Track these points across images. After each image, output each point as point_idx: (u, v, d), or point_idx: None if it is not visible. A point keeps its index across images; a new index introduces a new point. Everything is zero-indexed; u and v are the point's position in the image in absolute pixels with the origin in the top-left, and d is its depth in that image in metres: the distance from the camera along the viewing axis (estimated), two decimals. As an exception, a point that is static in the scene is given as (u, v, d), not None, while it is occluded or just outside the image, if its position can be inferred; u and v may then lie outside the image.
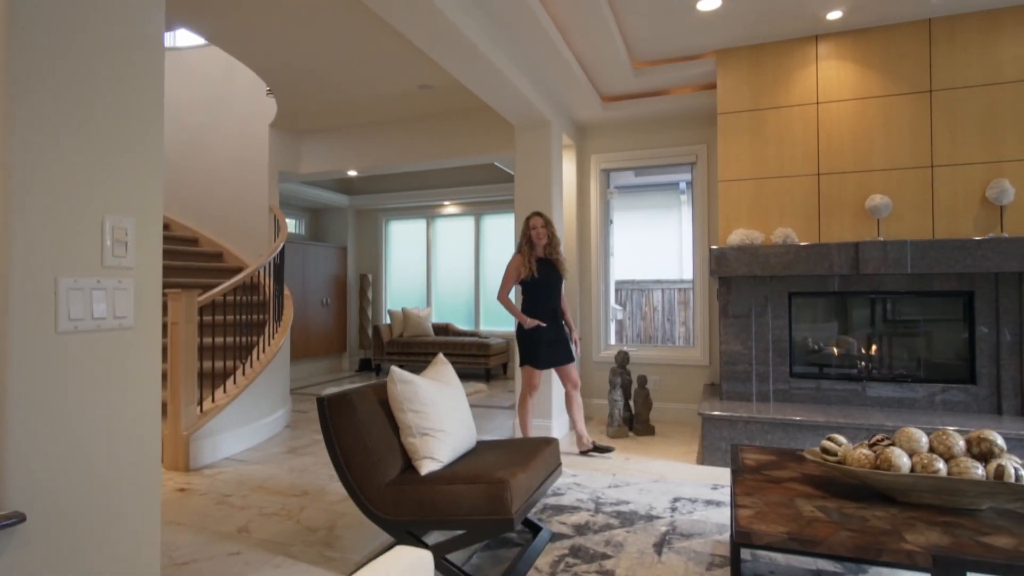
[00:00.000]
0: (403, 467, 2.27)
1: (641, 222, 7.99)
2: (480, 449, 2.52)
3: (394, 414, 2.30)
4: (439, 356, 2.66)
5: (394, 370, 2.30)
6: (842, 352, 3.96)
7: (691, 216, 4.96)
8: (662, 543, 2.50)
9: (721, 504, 2.95)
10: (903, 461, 1.80)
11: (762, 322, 3.95)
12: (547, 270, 3.79)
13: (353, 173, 6.11)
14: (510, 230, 7.64)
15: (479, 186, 7.53)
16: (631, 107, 4.70)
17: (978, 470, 1.74)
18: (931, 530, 1.62)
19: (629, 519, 2.77)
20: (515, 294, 4.08)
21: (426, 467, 2.20)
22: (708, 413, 3.67)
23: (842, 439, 2.02)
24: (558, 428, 4.36)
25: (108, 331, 1.19)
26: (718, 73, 4.07)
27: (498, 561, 2.37)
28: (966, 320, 3.63)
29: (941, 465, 1.78)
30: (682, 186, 7.66)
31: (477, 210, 7.89)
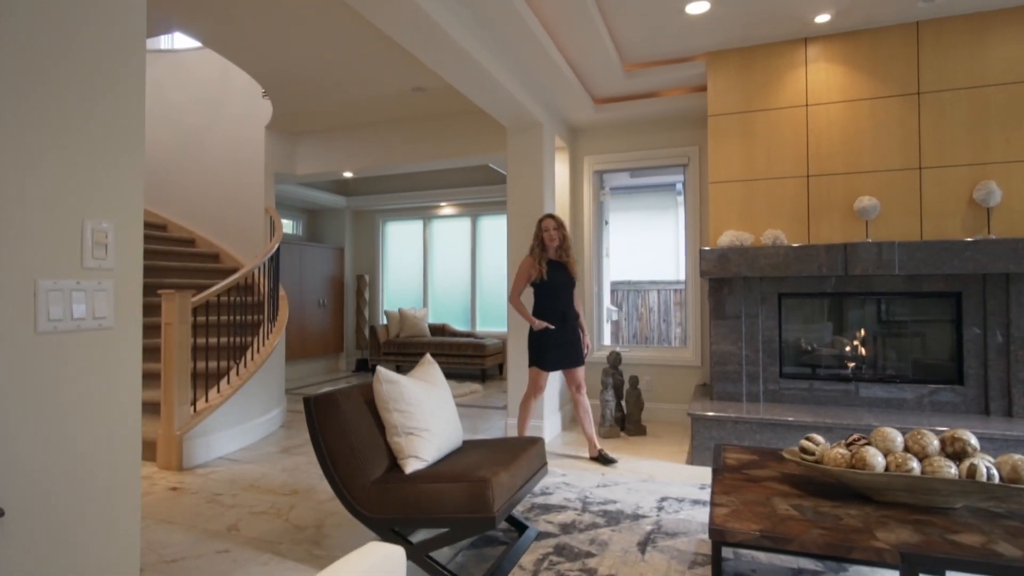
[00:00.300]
0: (389, 466, 2.30)
1: (638, 223, 8.01)
2: (466, 448, 2.55)
3: (380, 414, 2.33)
4: (426, 356, 2.69)
5: (379, 370, 2.33)
6: (832, 353, 3.99)
7: (683, 217, 4.98)
8: (646, 542, 2.52)
9: (708, 504, 2.97)
10: (878, 460, 1.83)
11: (752, 323, 3.97)
12: (558, 272, 3.77)
13: (348, 174, 6.14)
14: (506, 231, 7.66)
15: (475, 187, 7.56)
16: (623, 109, 4.73)
17: (951, 469, 1.77)
18: (902, 528, 1.65)
19: (615, 518, 2.80)
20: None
21: (411, 466, 2.23)
22: (697, 413, 3.69)
23: (820, 439, 2.04)
24: (550, 428, 4.38)
25: (88, 331, 1.22)
26: (708, 75, 4.09)
27: (483, 559, 2.39)
28: (954, 321, 3.65)
29: (915, 464, 1.80)
30: (679, 187, 7.67)
31: (473, 211, 7.92)
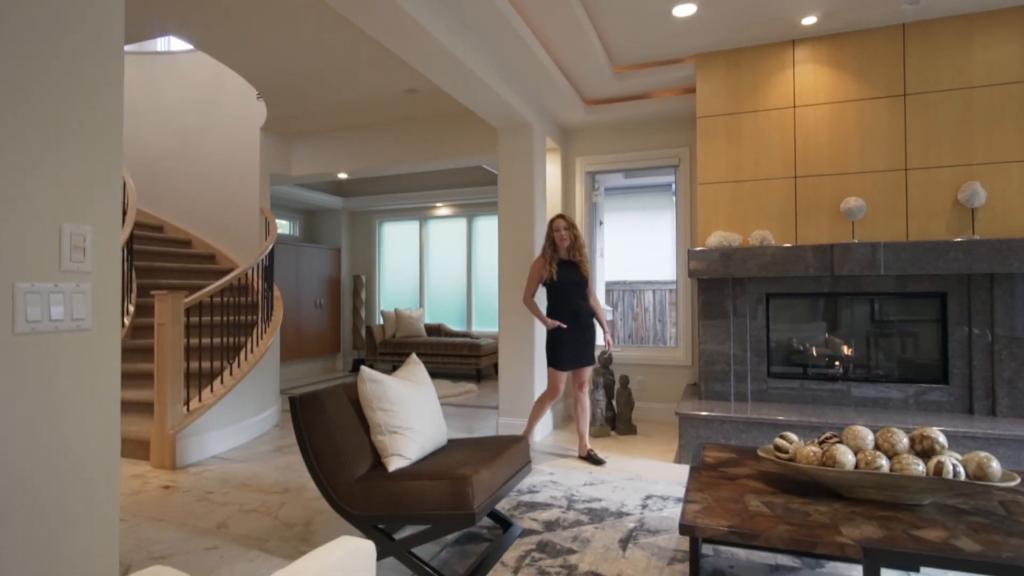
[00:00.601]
0: (373, 464, 2.34)
1: (635, 223, 8.04)
2: (450, 447, 2.59)
3: (364, 412, 2.37)
4: (412, 356, 2.73)
5: (364, 370, 2.37)
6: (820, 352, 4.02)
7: (675, 218, 5.01)
8: (628, 539, 2.56)
9: (692, 501, 3.00)
10: (847, 458, 1.86)
11: (740, 323, 4.01)
12: (569, 272, 3.79)
13: (343, 175, 6.18)
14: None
15: (471, 188, 7.60)
16: (614, 110, 4.76)
17: (919, 466, 1.80)
18: (868, 524, 1.68)
19: (599, 516, 2.83)
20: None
21: (394, 464, 2.27)
22: (685, 413, 3.73)
23: (794, 437, 2.08)
24: (541, 427, 4.42)
25: (66, 332, 1.26)
26: (697, 77, 4.13)
27: (467, 556, 2.43)
28: (940, 321, 3.68)
29: (884, 462, 1.84)
30: (674, 187, 7.71)
31: (469, 212, 7.96)
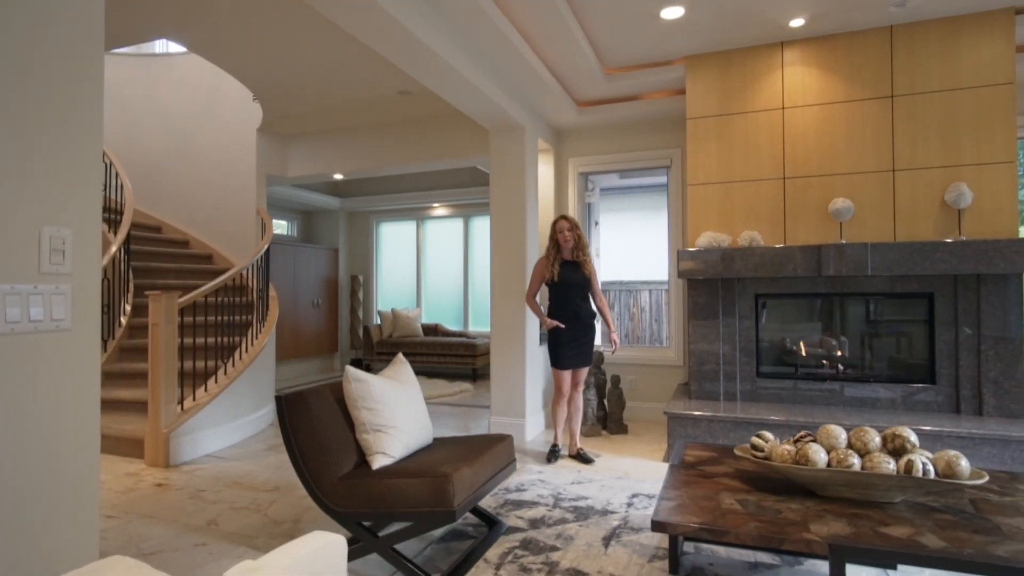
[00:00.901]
0: (357, 462, 2.37)
1: (631, 223, 8.06)
2: (435, 445, 2.62)
3: (349, 411, 2.40)
4: (398, 356, 2.76)
5: (349, 369, 2.40)
6: (808, 353, 4.04)
7: (667, 218, 5.04)
8: (611, 536, 2.59)
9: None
10: (820, 457, 1.89)
11: (729, 323, 4.03)
12: (571, 272, 3.81)
13: (339, 176, 6.23)
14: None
15: (467, 188, 7.64)
16: (606, 111, 4.79)
17: (889, 465, 1.83)
18: (838, 521, 1.71)
19: (584, 514, 2.86)
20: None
21: (378, 462, 2.30)
22: (674, 412, 3.76)
23: (770, 435, 2.10)
24: (533, 426, 4.45)
25: (45, 333, 1.30)
26: (687, 79, 4.15)
27: (451, 553, 2.47)
28: (927, 322, 3.70)
29: (855, 460, 1.86)
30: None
31: (466, 212, 8.00)
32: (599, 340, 4.65)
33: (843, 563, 1.55)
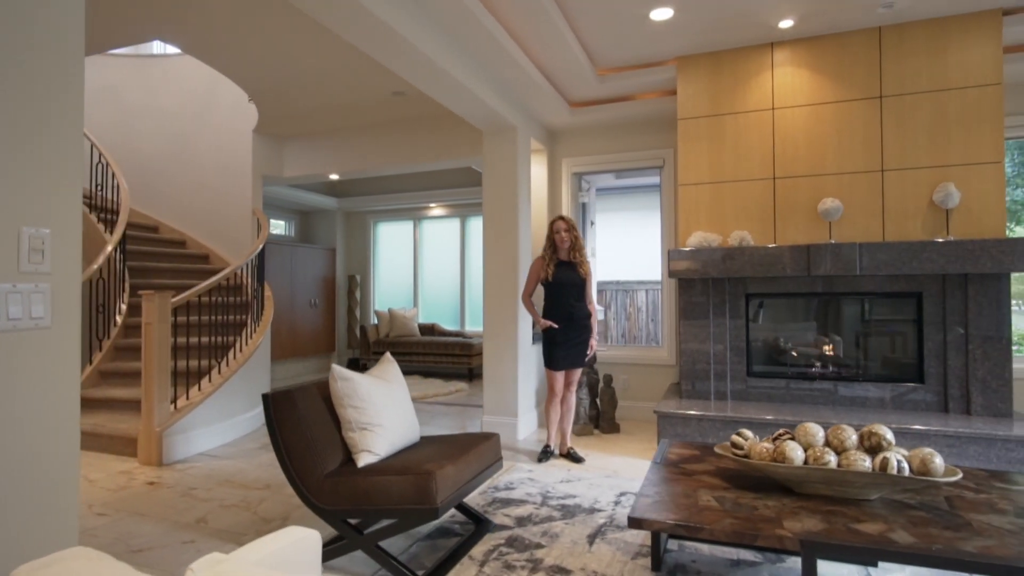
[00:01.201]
0: (344, 460, 2.39)
1: (627, 223, 8.08)
2: (421, 443, 2.65)
3: (336, 410, 2.43)
4: (386, 355, 2.78)
5: (335, 368, 2.43)
6: (799, 352, 4.06)
7: (660, 218, 5.06)
8: (596, 534, 2.61)
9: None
10: (797, 454, 1.91)
11: (720, 323, 4.05)
12: (567, 273, 3.81)
13: (335, 177, 6.25)
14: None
15: (464, 188, 7.66)
16: (599, 112, 4.81)
17: (865, 462, 1.85)
18: (812, 518, 1.73)
19: (571, 512, 2.88)
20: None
21: (363, 459, 2.32)
22: (664, 411, 3.78)
23: (749, 434, 2.12)
24: (525, 426, 4.47)
25: (24, 330, 1.32)
26: (678, 80, 4.17)
27: (437, 550, 2.49)
28: (916, 321, 3.71)
29: (832, 458, 1.88)
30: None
31: (462, 212, 8.02)
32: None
33: (814, 559, 1.57)
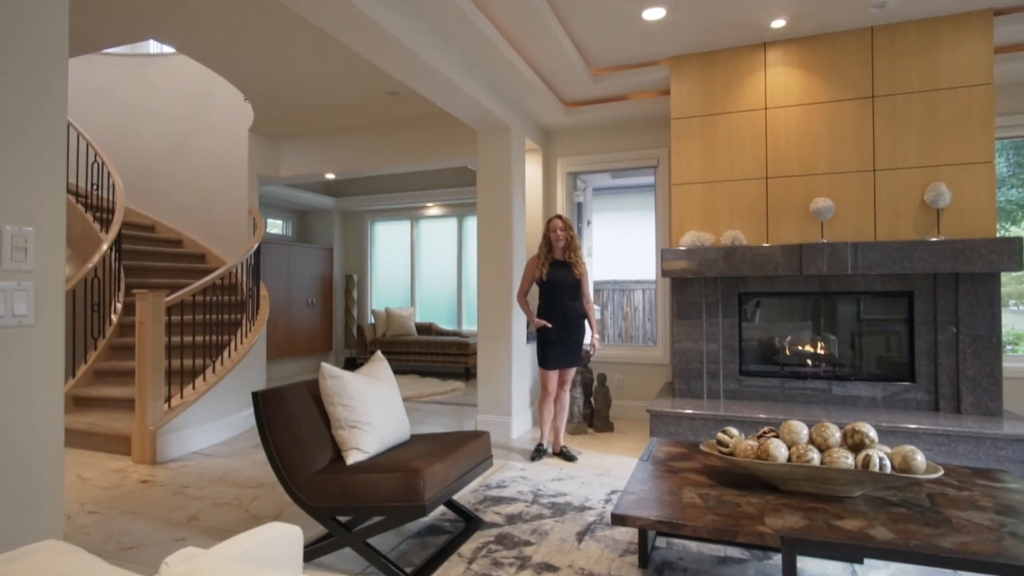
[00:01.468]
0: (333, 457, 2.41)
1: (624, 223, 8.09)
2: (411, 441, 2.66)
3: (325, 408, 2.44)
4: (376, 353, 2.80)
5: (324, 366, 2.44)
6: (791, 351, 4.07)
7: (654, 218, 5.07)
8: (585, 532, 2.62)
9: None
10: (780, 452, 1.92)
11: (712, 322, 4.06)
12: (561, 272, 3.82)
13: (331, 176, 6.26)
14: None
15: (461, 188, 7.67)
16: (594, 112, 4.82)
17: (848, 460, 1.86)
18: (794, 514, 1.74)
19: (562, 510, 2.90)
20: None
21: (352, 457, 2.34)
22: (656, 410, 3.79)
23: (735, 431, 2.13)
24: (519, 424, 4.48)
25: (7, 328, 1.34)
26: (672, 79, 4.18)
27: (426, 547, 2.50)
28: (907, 320, 3.72)
29: (815, 455, 1.89)
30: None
31: (459, 212, 8.03)
32: (587, 339, 4.69)
33: (794, 554, 1.58)
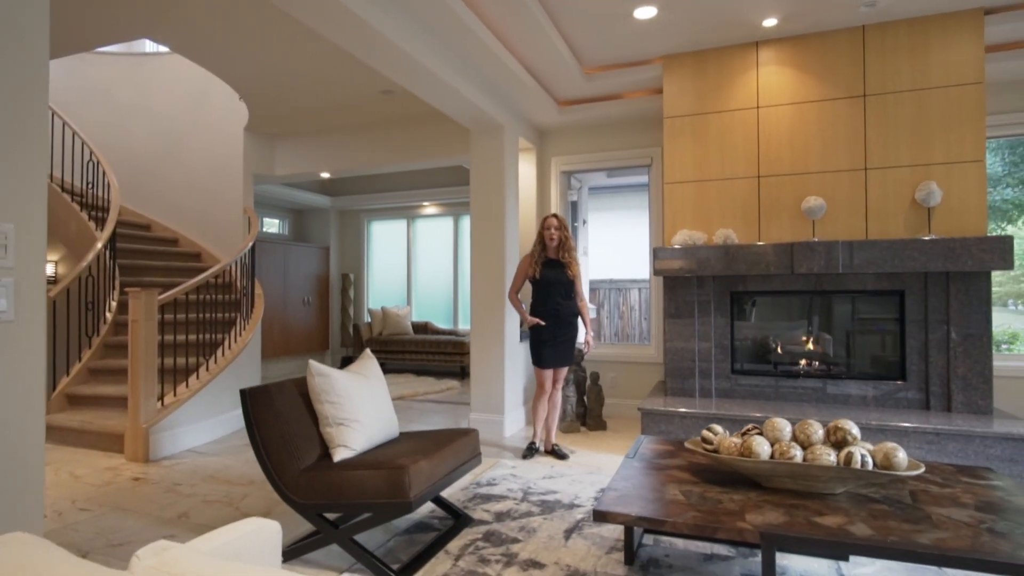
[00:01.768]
0: (321, 455, 2.41)
1: (620, 222, 8.10)
2: (400, 439, 2.67)
3: (313, 405, 2.45)
4: (365, 351, 2.80)
5: (312, 364, 2.45)
6: (783, 350, 4.07)
7: (648, 216, 5.08)
8: (573, 529, 2.63)
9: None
10: (763, 449, 1.93)
11: (705, 320, 4.07)
12: (554, 271, 3.82)
13: (326, 175, 6.27)
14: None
15: (457, 187, 7.67)
16: (587, 111, 4.82)
17: (830, 457, 1.87)
18: (775, 511, 1.75)
19: (550, 507, 2.90)
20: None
21: (339, 454, 2.34)
22: (647, 408, 3.79)
23: (719, 429, 2.14)
24: (512, 423, 4.49)
25: (-13, 324, 1.34)
26: (664, 78, 4.19)
27: (413, 544, 2.51)
28: (898, 319, 3.73)
29: (797, 452, 1.90)
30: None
31: (455, 211, 8.04)
32: (581, 338, 4.69)
33: (773, 551, 1.58)
